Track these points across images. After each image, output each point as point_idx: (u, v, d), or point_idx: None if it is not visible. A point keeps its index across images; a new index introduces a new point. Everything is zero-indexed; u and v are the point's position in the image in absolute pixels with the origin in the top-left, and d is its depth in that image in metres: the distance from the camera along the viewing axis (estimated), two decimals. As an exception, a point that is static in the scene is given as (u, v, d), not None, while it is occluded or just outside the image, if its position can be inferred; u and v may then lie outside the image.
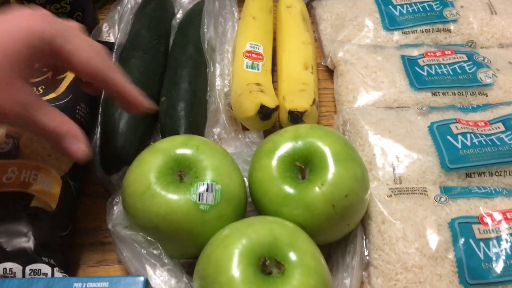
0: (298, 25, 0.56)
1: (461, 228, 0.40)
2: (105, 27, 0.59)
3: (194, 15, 0.58)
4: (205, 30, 0.55)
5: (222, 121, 0.50)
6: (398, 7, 0.59)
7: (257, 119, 0.47)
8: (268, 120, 0.47)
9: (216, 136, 0.50)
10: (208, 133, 0.50)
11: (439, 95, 0.51)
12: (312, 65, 0.53)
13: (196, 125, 0.49)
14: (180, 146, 0.40)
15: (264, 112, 0.46)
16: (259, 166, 0.40)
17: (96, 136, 0.49)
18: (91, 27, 0.58)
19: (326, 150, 0.39)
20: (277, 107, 0.47)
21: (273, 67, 0.55)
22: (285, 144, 0.40)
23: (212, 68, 0.53)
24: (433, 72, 0.52)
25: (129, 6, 0.57)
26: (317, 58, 0.60)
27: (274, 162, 0.40)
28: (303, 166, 0.39)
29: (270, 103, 0.47)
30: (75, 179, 0.44)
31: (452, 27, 0.58)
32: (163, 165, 0.39)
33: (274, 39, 0.58)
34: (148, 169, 0.38)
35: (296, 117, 0.45)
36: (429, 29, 0.57)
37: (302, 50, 0.54)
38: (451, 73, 0.52)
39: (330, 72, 0.58)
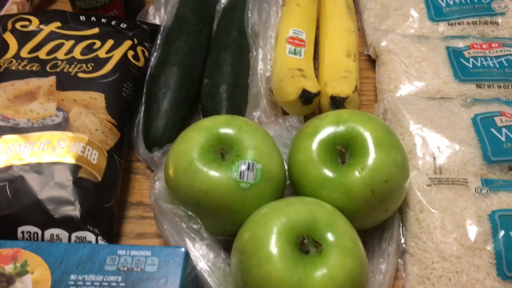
0: (342, 12, 0.56)
1: (502, 221, 0.40)
2: (151, 9, 0.60)
3: (239, 0, 0.58)
4: (249, 15, 0.56)
5: (262, 105, 0.51)
6: (445, -3, 0.58)
7: (298, 104, 0.47)
8: (310, 105, 0.47)
9: (256, 119, 0.50)
10: (248, 116, 0.50)
11: (484, 87, 0.50)
12: (355, 53, 0.53)
13: (238, 107, 0.50)
14: (223, 125, 0.41)
15: (306, 96, 0.46)
16: (299, 149, 0.40)
17: (140, 114, 0.50)
18: (138, 9, 0.59)
19: (367, 135, 0.39)
20: (318, 92, 0.47)
21: (315, 55, 0.56)
22: (326, 128, 0.41)
23: (254, 52, 0.54)
24: (478, 64, 0.51)
25: (176, -10, 0.58)
26: (360, 47, 0.60)
27: (314, 145, 0.40)
28: (343, 150, 0.39)
29: (312, 87, 0.47)
30: (120, 154, 0.46)
31: (500, 20, 0.56)
32: (206, 143, 0.40)
33: (318, 27, 0.58)
34: (191, 146, 0.39)
35: (338, 103, 0.46)
36: (476, 21, 0.56)
37: (345, 38, 0.54)
38: (497, 66, 0.51)
39: (372, 61, 0.58)
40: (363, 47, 0.59)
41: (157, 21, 0.60)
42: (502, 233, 0.39)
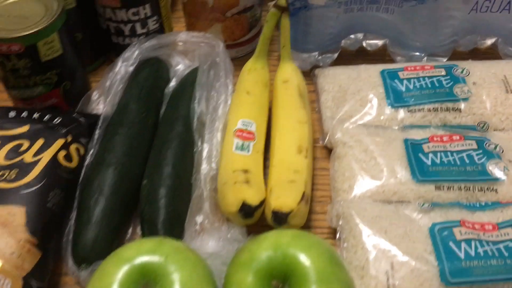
0: (295, 101, 0.52)
1: None
2: (95, 95, 0.56)
3: (187, 86, 0.55)
4: (196, 104, 0.52)
5: (205, 209, 0.47)
6: (405, 81, 0.55)
7: (239, 216, 0.43)
8: (251, 218, 0.43)
9: (198, 226, 0.46)
10: (190, 221, 0.46)
11: (443, 189, 0.46)
12: (307, 148, 0.49)
13: (177, 215, 0.46)
14: (148, 253, 0.37)
15: (246, 210, 0.42)
16: (232, 282, 0.36)
17: (71, 222, 0.46)
18: (80, 95, 0.56)
19: (309, 267, 0.35)
20: (261, 203, 0.43)
21: (268, 147, 0.52)
22: (263, 255, 0.36)
23: (200, 147, 0.50)
24: (438, 161, 0.48)
25: (118, 76, 0.55)
26: (316, 133, 0.56)
27: (249, 278, 0.36)
28: (280, 286, 0.35)
29: (254, 199, 0.43)
30: (40, 277, 0.41)
31: (462, 106, 0.53)
32: (126, 279, 0.35)
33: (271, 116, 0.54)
34: (109, 284, 0.35)
35: (279, 219, 0.42)
36: (437, 107, 0.53)
37: (297, 131, 0.50)
38: (458, 162, 0.48)
39: (329, 149, 0.54)
40: (320, 132, 0.56)
41: (101, 108, 0.56)
42: None
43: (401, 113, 0.53)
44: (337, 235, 0.45)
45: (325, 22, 0.57)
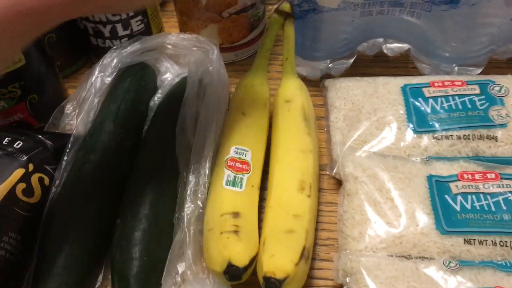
0: (298, 126, 0.44)
1: None
2: (68, 108, 0.49)
3: (173, 102, 0.47)
4: (182, 125, 0.45)
5: (188, 257, 0.39)
6: (431, 100, 0.46)
7: (224, 278, 0.35)
8: (239, 281, 0.36)
9: (179, 278, 0.39)
10: (170, 269, 0.39)
11: (474, 243, 0.38)
12: (311, 184, 0.41)
13: (153, 265, 0.38)
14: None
15: (232, 274, 0.35)
16: None
17: (31, 273, 0.39)
18: (52, 108, 0.48)
19: None
20: (252, 262, 0.36)
21: (266, 179, 0.44)
22: None
23: (185, 179, 0.43)
24: (468, 207, 0.40)
25: (93, 90, 0.47)
26: (323, 158, 0.48)
27: None
28: None
29: (242, 258, 0.35)
30: None
31: (499, 133, 0.44)
32: None
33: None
34: None
35: (273, 286, 0.34)
36: (468, 135, 0.45)
37: (300, 162, 0.42)
38: (493, 209, 0.39)
39: (338, 180, 0.46)
40: (328, 158, 0.48)
41: (75, 123, 0.48)
42: None
43: (425, 140, 0.45)
44: (343, 297, 0.38)
45: (338, 27, 0.49)
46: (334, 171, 0.45)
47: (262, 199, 0.43)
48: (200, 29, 0.53)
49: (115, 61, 0.48)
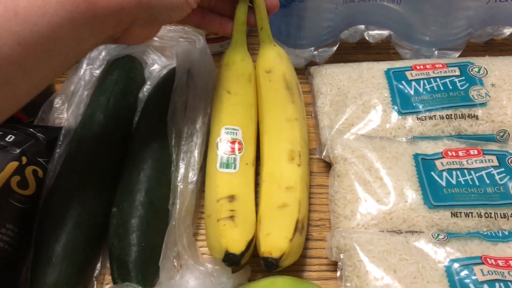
0: (281, 95, 0.44)
1: None
2: (57, 102, 0.49)
3: (162, 92, 0.48)
4: (173, 113, 0.45)
5: (183, 241, 0.40)
6: (414, 83, 0.48)
7: (224, 264, 0.36)
8: (238, 265, 0.36)
9: (175, 262, 0.40)
10: (166, 255, 0.40)
11: (460, 216, 0.40)
12: (300, 152, 0.42)
13: (151, 251, 0.39)
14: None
15: (231, 261, 0.35)
16: None
17: (29, 262, 0.39)
18: (41, 102, 0.48)
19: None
20: (249, 245, 0.36)
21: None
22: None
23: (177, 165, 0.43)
24: (454, 182, 0.41)
25: (83, 82, 0.47)
26: (312, 142, 0.49)
27: None
28: None
29: (239, 245, 0.36)
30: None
31: (479, 112, 0.46)
32: None
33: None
34: None
35: (270, 266, 0.35)
36: (451, 114, 0.46)
37: (286, 131, 0.43)
38: (477, 183, 0.41)
39: (328, 162, 0.47)
40: (317, 143, 0.49)
41: (64, 117, 0.49)
42: None
43: (410, 121, 0.47)
44: (338, 273, 0.39)
45: (322, 15, 0.50)
46: (324, 154, 0.46)
47: (258, 173, 0.44)
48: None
49: (103, 53, 0.48)
